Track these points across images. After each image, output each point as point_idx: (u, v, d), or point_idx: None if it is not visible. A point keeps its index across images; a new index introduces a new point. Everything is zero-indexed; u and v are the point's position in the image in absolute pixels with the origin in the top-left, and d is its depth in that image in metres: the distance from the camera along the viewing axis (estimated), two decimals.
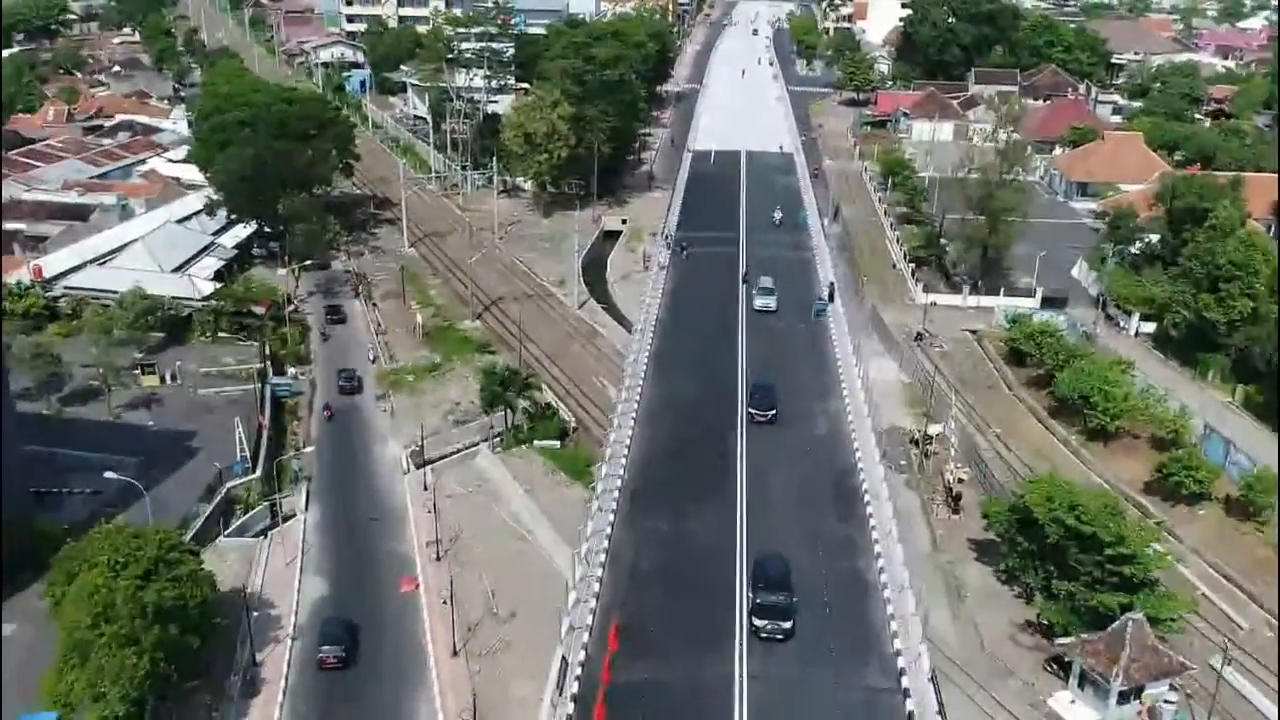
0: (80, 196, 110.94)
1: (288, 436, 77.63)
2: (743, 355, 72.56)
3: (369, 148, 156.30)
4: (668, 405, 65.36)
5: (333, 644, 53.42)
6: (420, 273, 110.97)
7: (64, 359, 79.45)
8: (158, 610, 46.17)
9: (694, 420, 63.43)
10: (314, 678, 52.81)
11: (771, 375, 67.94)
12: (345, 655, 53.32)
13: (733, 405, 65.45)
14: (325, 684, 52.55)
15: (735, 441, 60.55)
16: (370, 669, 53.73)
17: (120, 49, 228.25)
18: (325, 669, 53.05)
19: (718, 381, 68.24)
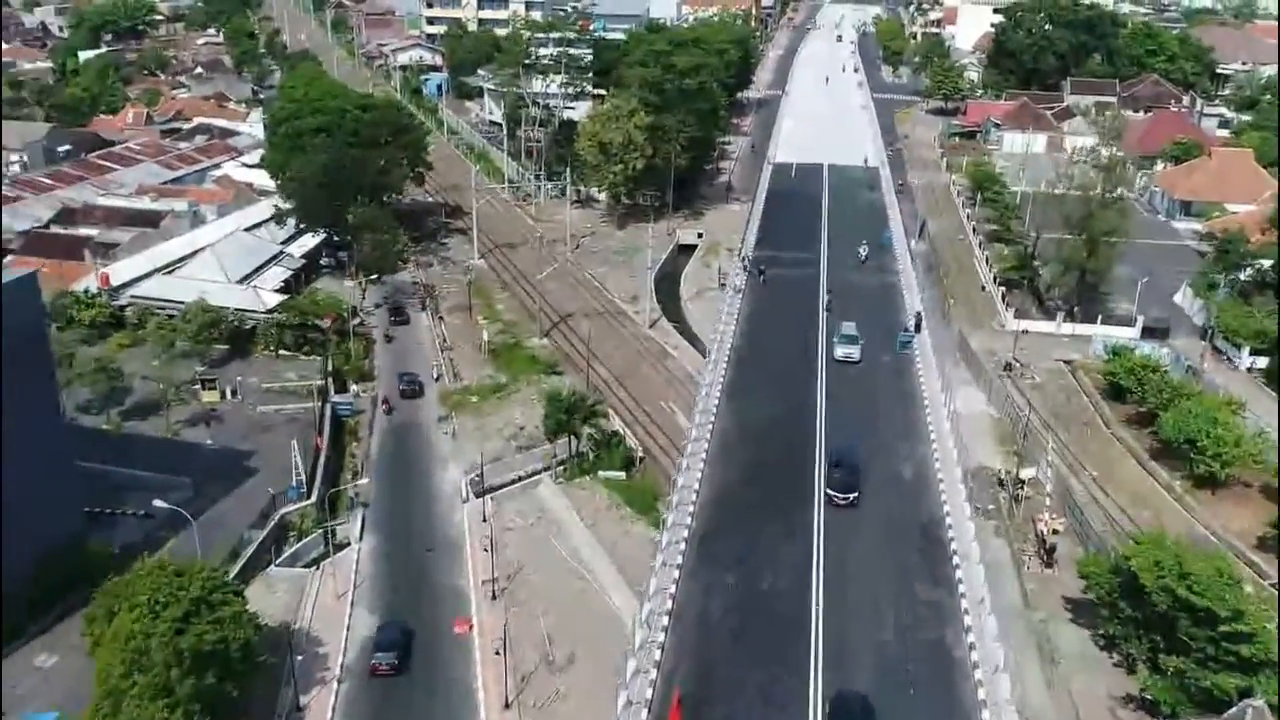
0: (153, 202, 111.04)
1: (346, 458, 75.62)
2: (822, 397, 67.96)
3: (443, 154, 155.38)
4: (741, 444, 61.60)
5: (386, 650, 53.77)
6: (489, 285, 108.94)
7: (125, 371, 78.83)
8: (196, 656, 44.11)
9: (769, 468, 59.38)
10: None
11: (853, 418, 63.47)
12: (398, 663, 53.57)
13: (811, 443, 61.61)
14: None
15: (812, 489, 56.64)
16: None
17: (204, 50, 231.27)
18: (377, 676, 53.13)
19: (797, 424, 63.89)
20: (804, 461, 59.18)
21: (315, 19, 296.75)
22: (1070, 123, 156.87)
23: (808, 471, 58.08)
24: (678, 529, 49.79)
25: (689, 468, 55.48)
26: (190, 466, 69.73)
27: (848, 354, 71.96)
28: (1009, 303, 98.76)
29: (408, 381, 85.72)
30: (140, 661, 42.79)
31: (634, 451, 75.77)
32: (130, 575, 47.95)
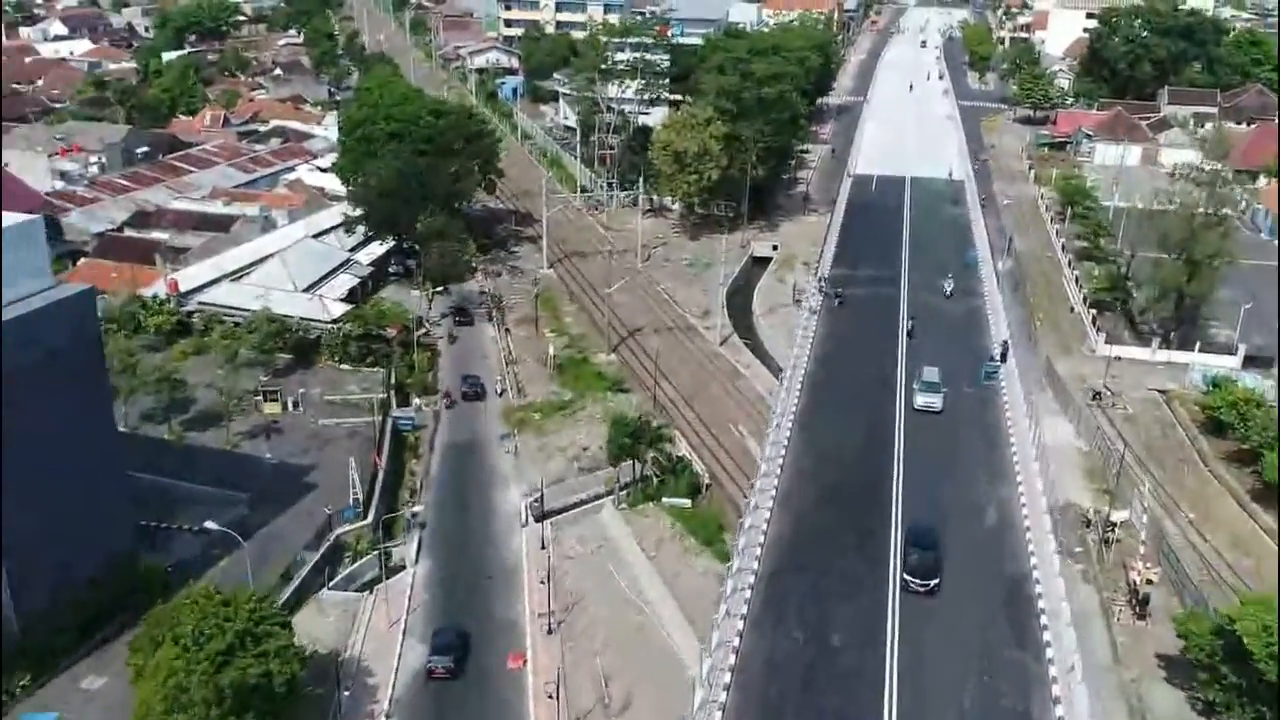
0: (225, 206, 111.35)
1: (405, 476, 74.24)
2: (900, 435, 64.48)
3: (516, 159, 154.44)
4: (813, 484, 58.50)
5: (443, 654, 54.36)
6: (557, 296, 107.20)
7: (189, 380, 78.46)
8: (238, 692, 42.76)
9: (843, 512, 56.21)
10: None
11: (933, 457, 59.99)
12: (454, 666, 54.16)
13: (888, 487, 58.39)
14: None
15: (888, 536, 53.39)
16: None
17: (285, 51, 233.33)
18: (434, 679, 53.68)
19: (873, 464, 60.63)
20: (880, 509, 55.81)
21: (395, 20, 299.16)
22: (1167, 134, 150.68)
23: (883, 525, 54.57)
24: (743, 574, 47.17)
25: (757, 507, 52.87)
26: (248, 481, 68.96)
27: (928, 403, 66.88)
28: (1100, 326, 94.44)
29: (470, 384, 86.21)
30: (180, 699, 41.52)
31: (700, 477, 73.20)
32: (176, 603, 46.83)
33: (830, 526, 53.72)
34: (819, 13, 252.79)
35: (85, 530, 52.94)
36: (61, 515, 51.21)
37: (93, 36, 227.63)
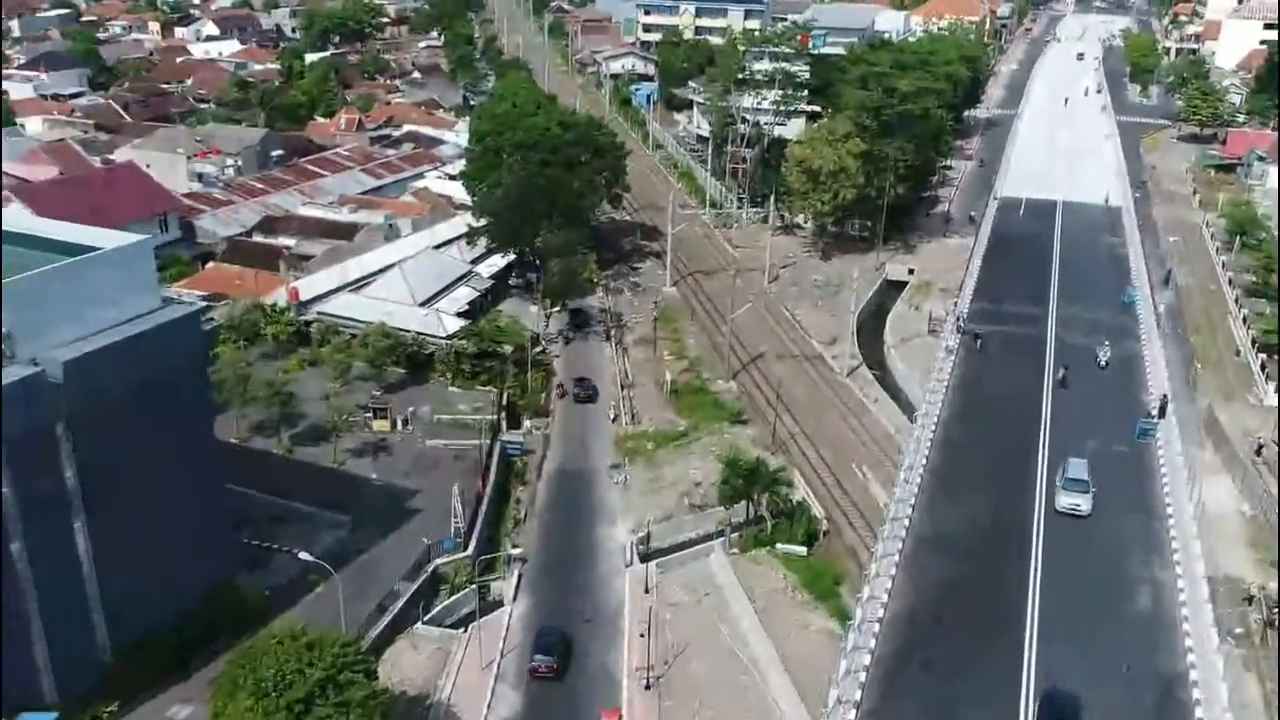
0: (351, 214, 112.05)
1: (510, 504, 72.42)
2: (1041, 501, 59.21)
3: (645, 169, 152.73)
4: (939, 556, 53.62)
5: (545, 654, 55.92)
6: (678, 316, 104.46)
7: (303, 393, 78.37)
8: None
9: (972, 594, 51.30)
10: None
11: (1076, 531, 54.80)
12: (557, 665, 55.81)
13: (1025, 566, 53.35)
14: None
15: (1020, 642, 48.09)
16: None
17: (424, 54, 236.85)
18: (538, 678, 55.22)
19: (1009, 539, 55.10)
20: (1013, 594, 50.92)
21: (534, 23, 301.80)
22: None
23: (1016, 619, 49.72)
24: (859, 653, 43.39)
25: (878, 574, 48.86)
26: (352, 501, 68.24)
27: (1073, 505, 56.87)
28: (1269, 373, 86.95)
29: (581, 386, 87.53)
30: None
31: (818, 523, 69.40)
32: (260, 642, 45.63)
33: (958, 621, 48.92)
34: (970, 20, 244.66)
35: (186, 557, 52.38)
36: (162, 543, 50.73)
37: (241, 37, 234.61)
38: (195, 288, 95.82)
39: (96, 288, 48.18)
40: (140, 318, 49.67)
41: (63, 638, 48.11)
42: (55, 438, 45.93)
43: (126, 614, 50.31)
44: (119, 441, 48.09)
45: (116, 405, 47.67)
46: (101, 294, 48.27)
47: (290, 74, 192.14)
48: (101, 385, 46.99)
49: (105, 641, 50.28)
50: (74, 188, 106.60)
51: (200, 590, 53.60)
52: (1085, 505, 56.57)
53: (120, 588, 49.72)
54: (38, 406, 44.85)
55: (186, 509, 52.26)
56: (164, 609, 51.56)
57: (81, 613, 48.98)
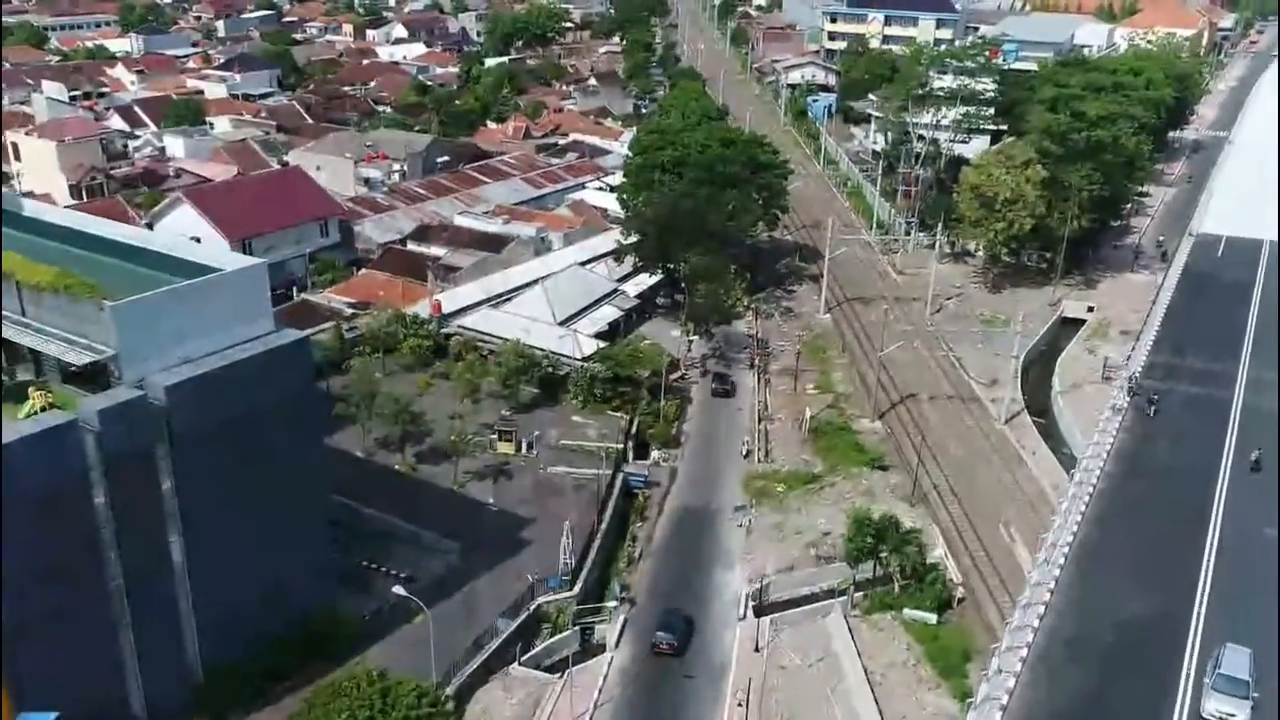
0: (504, 225, 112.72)
1: (625, 541, 70.53)
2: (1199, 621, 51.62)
3: (813, 185, 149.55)
4: (1073, 661, 48.42)
5: (666, 630, 60.01)
6: (829, 346, 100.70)
7: (435, 408, 78.76)
8: None
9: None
10: None
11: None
12: (678, 644, 59.52)
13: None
14: None
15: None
16: None
17: (604, 59, 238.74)
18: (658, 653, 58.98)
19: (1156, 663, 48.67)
20: None
21: (718, 30, 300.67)
22: None
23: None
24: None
25: (1000, 671, 44.55)
26: (466, 527, 67.76)
27: (1223, 715, 44.38)
28: None
29: (720, 380, 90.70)
30: None
31: (952, 587, 64.80)
32: (338, 680, 45.21)
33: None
34: (1184, 33, 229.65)
35: (284, 582, 52.66)
36: (260, 566, 51.14)
37: (428, 40, 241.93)
38: (345, 294, 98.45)
39: (208, 311, 48.76)
40: (249, 342, 50.04)
41: (154, 654, 48.88)
42: (155, 460, 46.61)
43: (220, 634, 50.82)
44: (220, 465, 48.58)
45: (219, 429, 48.11)
46: (212, 317, 48.83)
47: (469, 78, 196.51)
48: (205, 409, 47.49)
49: (196, 660, 50.94)
50: (240, 190, 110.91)
51: (297, 614, 53.74)
52: (1241, 717, 44.11)
53: (215, 608, 50.29)
54: (139, 429, 45.59)
55: (286, 534, 52.50)
56: (259, 631, 51.87)
57: (174, 631, 49.69)
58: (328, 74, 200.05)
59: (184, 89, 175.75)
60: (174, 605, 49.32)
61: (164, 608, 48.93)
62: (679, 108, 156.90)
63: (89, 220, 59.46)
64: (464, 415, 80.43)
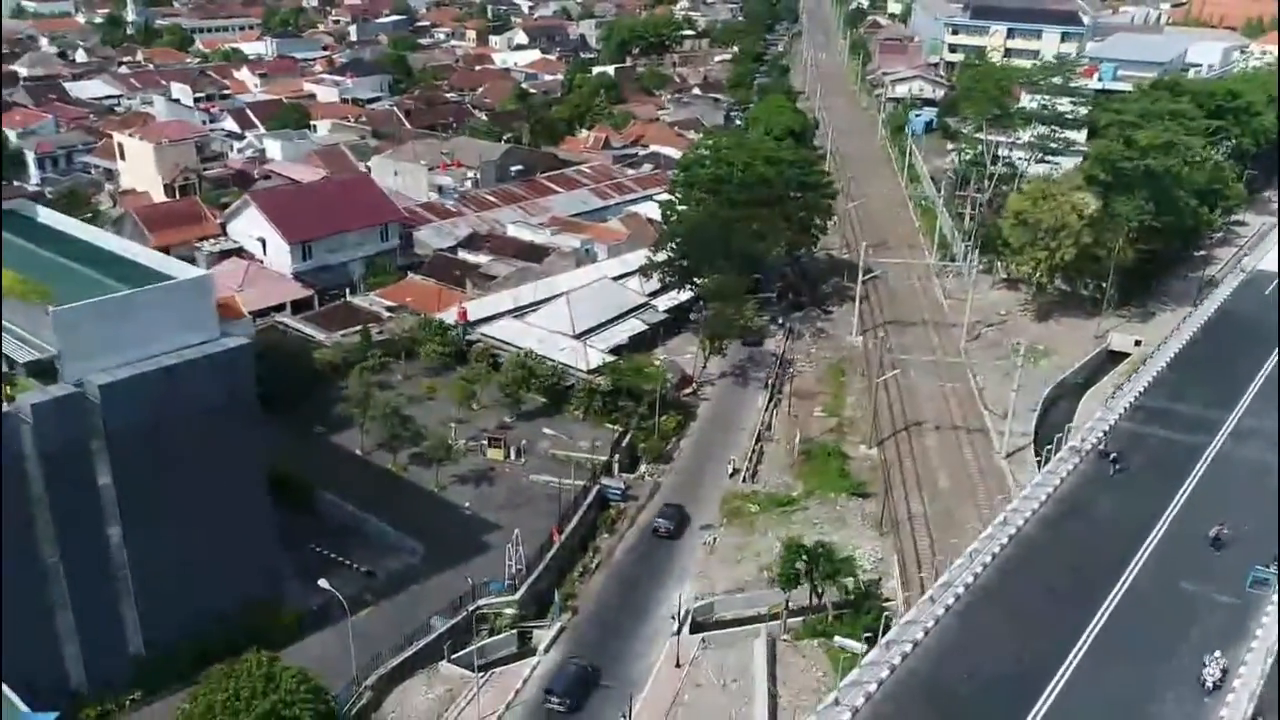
0: (553, 235, 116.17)
1: (587, 553, 72.77)
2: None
3: (892, 203, 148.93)
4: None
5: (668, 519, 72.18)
6: (850, 370, 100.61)
7: (435, 414, 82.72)
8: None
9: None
10: None
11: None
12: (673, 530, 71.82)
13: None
14: None
15: None
16: None
17: (717, 68, 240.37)
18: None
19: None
20: None
21: (842, 38, 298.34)
22: None
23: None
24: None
25: (836, 703, 45.42)
26: (436, 529, 71.21)
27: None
28: None
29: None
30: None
31: (892, 616, 64.76)
32: (234, 664, 49.06)
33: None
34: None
35: (223, 572, 56.84)
36: (198, 556, 55.52)
37: (546, 46, 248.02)
38: (388, 298, 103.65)
39: (152, 317, 53.39)
40: (191, 348, 54.50)
41: (94, 632, 53.90)
42: (91, 452, 51.47)
43: (160, 617, 55.54)
44: (156, 461, 53.21)
45: (155, 427, 52.70)
46: (156, 323, 53.42)
47: (571, 86, 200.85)
48: (139, 408, 52.13)
49: (137, 639, 55.75)
50: (306, 194, 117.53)
51: (237, 602, 57.95)
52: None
53: (154, 592, 55.04)
54: (75, 424, 50.54)
55: (225, 527, 56.82)
56: (198, 615, 56.21)
57: (114, 612, 54.58)
58: (438, 79, 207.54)
59: (298, 92, 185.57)
60: (113, 588, 54.25)
61: (103, 590, 53.87)
62: (763, 121, 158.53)
63: (81, 228, 65.33)
64: (466, 420, 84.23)
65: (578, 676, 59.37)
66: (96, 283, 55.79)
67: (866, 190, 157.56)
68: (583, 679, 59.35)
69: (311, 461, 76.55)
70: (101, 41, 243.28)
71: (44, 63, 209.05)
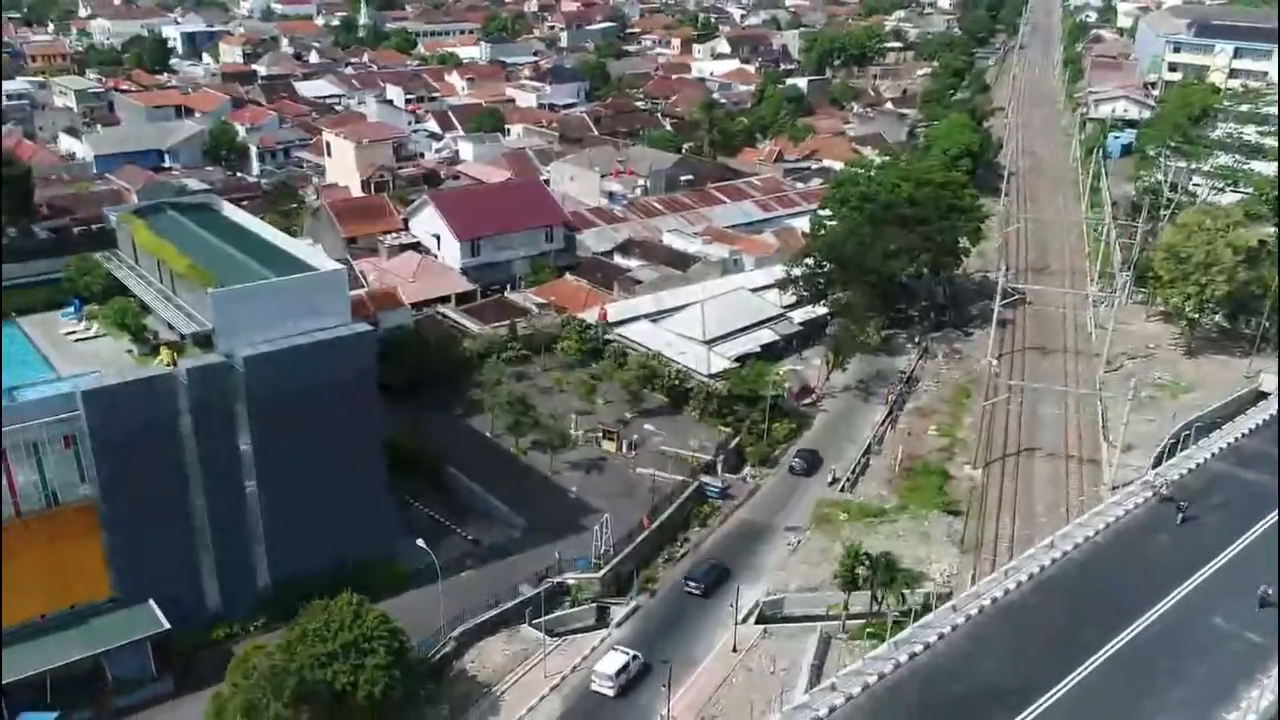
0: (703, 245, 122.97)
1: (677, 543, 79.16)
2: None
3: (1068, 226, 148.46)
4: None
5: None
6: (978, 393, 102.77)
7: (558, 407, 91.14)
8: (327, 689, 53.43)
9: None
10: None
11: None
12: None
13: None
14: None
15: None
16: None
17: (917, 82, 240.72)
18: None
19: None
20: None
21: (1061, 53, 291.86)
22: None
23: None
24: None
25: (834, 689, 50.33)
26: (541, 508, 79.33)
27: None
28: None
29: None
30: (270, 683, 52.90)
31: None
32: (325, 603, 58.19)
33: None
34: None
35: (343, 526, 66.43)
36: (321, 509, 65.27)
37: (747, 57, 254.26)
38: (540, 295, 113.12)
39: (291, 303, 63.67)
40: (323, 330, 64.43)
41: (230, 568, 64.58)
42: (234, 414, 61.99)
43: (284, 560, 65.69)
44: (288, 425, 63.14)
45: (289, 397, 62.67)
46: (294, 308, 63.65)
47: (761, 97, 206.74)
48: (277, 379, 62.31)
49: (265, 577, 66.20)
50: (480, 196, 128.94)
51: (355, 554, 67.37)
52: None
53: (280, 539, 65.28)
54: (222, 388, 61.13)
55: (343, 487, 66.34)
56: (317, 562, 65.57)
57: (246, 552, 65.13)
58: (632, 87, 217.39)
59: (499, 96, 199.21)
60: (247, 532, 64.76)
61: (239, 533, 64.47)
62: (942, 140, 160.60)
63: (252, 222, 76.86)
64: (590, 413, 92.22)
65: (712, 570, 74.04)
66: (252, 270, 66.53)
67: (1042, 213, 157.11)
68: (716, 573, 73.91)
69: (445, 439, 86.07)
70: (334, 43, 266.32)
71: (280, 62, 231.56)
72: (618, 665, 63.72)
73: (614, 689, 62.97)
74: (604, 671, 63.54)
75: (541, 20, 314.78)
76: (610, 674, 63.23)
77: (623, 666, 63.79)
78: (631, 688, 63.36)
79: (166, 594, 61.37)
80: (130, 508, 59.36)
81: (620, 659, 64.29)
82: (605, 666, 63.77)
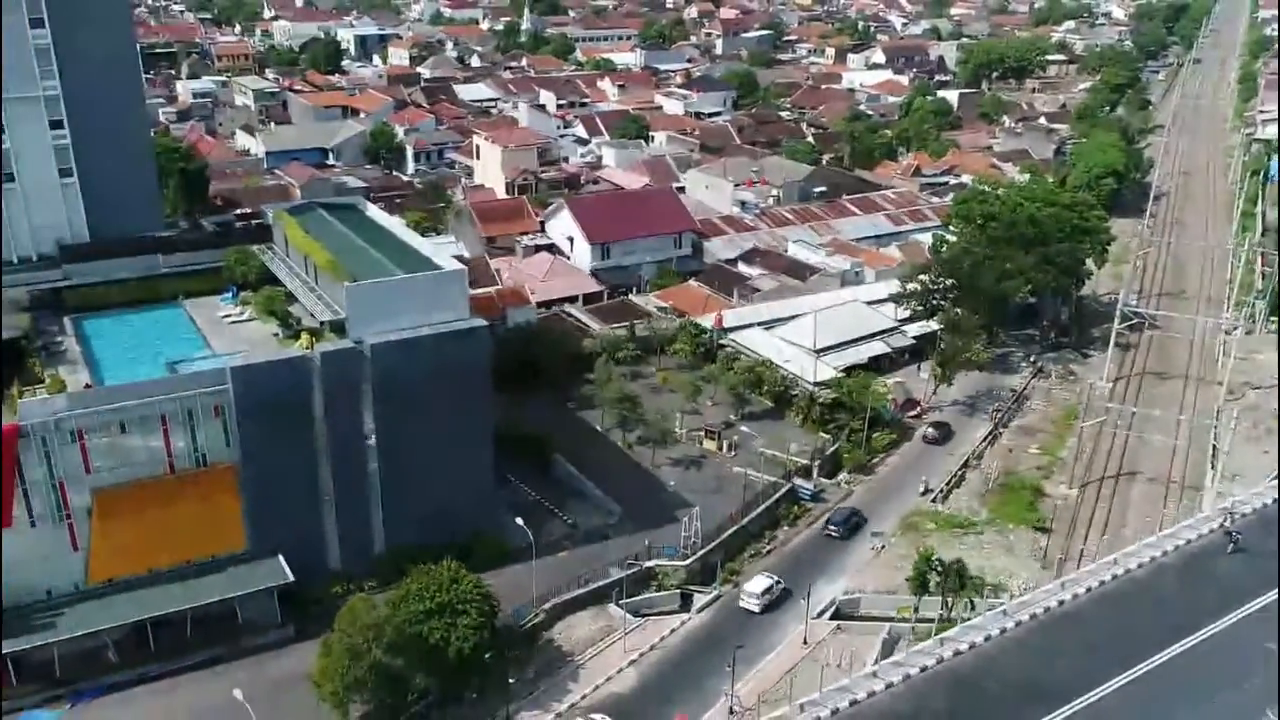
0: (825, 256, 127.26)
1: (762, 540, 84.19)
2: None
3: (1208, 252, 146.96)
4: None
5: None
6: (1092, 412, 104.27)
7: (667, 406, 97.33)
8: (420, 642, 61.10)
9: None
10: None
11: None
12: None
13: None
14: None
15: None
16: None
17: (1076, 96, 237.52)
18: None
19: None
20: None
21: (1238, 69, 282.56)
22: None
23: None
24: None
25: (874, 675, 54.91)
26: (639, 499, 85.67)
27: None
28: None
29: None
30: (373, 635, 60.60)
31: None
32: (428, 567, 65.67)
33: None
34: None
35: (453, 502, 74.13)
36: (435, 487, 73.10)
37: (900, 68, 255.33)
38: (662, 299, 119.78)
39: (415, 298, 71.66)
40: (443, 323, 72.24)
41: (350, 532, 73.09)
42: (360, 394, 70.33)
43: (398, 529, 73.83)
44: (408, 407, 71.24)
45: (409, 382, 70.75)
46: (418, 303, 71.61)
47: (908, 109, 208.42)
48: (400, 365, 70.45)
49: (381, 543, 74.44)
50: (612, 202, 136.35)
51: (462, 528, 74.95)
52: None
53: (396, 510, 73.47)
54: (351, 371, 69.56)
55: (457, 466, 74.14)
56: (429, 533, 73.38)
57: (366, 519, 73.49)
58: (780, 97, 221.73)
59: (648, 104, 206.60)
60: (367, 499, 73.11)
61: (360, 502, 72.88)
62: (1085, 157, 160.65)
63: (391, 221, 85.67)
64: (697, 413, 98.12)
65: (850, 516, 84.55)
66: (385, 267, 74.94)
67: (1187, 236, 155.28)
68: (853, 519, 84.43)
69: (558, 430, 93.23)
70: (496, 47, 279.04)
71: (443, 66, 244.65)
72: (763, 586, 75.22)
73: (759, 606, 74.38)
74: (752, 591, 74.98)
75: (699, 27, 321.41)
76: (757, 593, 74.67)
77: (767, 588, 75.22)
78: (773, 607, 74.82)
79: (293, 551, 70.17)
80: (266, 472, 68.29)
81: (765, 581, 75.75)
82: (753, 587, 75.24)
